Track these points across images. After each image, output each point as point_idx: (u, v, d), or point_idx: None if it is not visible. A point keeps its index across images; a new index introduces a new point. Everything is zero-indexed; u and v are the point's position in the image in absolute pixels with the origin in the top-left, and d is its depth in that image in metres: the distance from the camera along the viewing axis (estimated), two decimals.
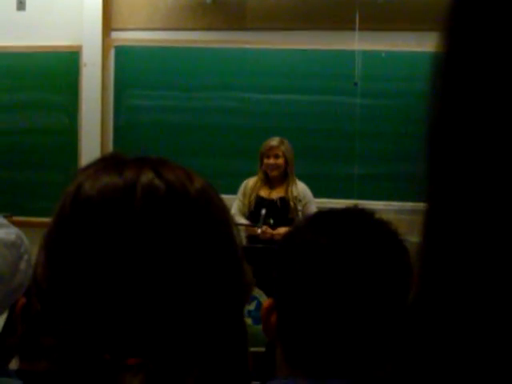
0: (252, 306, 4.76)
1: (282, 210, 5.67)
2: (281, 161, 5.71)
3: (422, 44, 5.98)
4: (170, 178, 0.85)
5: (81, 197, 0.84)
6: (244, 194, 5.79)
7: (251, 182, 5.85)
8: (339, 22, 7.00)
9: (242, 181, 5.93)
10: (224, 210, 0.91)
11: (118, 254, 0.80)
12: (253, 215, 5.68)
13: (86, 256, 0.81)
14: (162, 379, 0.80)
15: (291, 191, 5.71)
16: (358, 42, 6.86)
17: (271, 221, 5.59)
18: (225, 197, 0.92)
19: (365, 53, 6.93)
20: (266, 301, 1.35)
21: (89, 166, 0.89)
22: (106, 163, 0.88)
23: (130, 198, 0.82)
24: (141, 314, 0.80)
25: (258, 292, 4.62)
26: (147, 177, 0.84)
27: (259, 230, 5.49)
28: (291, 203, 5.68)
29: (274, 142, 5.76)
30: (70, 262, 0.82)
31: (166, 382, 0.80)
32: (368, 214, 1.33)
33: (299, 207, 5.69)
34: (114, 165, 0.87)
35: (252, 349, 1.01)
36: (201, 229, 0.85)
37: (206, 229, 0.85)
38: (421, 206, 0.55)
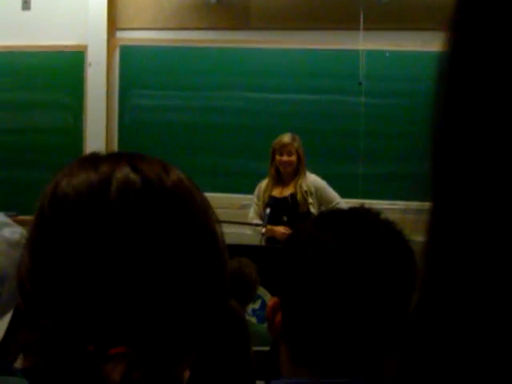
0: (257, 305, 4.76)
1: (293, 207, 5.68)
2: (294, 158, 5.72)
3: (426, 44, 5.98)
4: (145, 172, 0.86)
5: (58, 195, 0.85)
6: (258, 197, 5.82)
7: (264, 183, 5.86)
8: (343, 21, 7.00)
9: (245, 180, 5.93)
10: (203, 202, 0.91)
11: (97, 248, 0.81)
12: (269, 215, 5.68)
13: (67, 252, 0.81)
14: (145, 368, 0.80)
15: (300, 186, 5.72)
16: (363, 42, 6.86)
17: (285, 218, 5.60)
18: (228, 195, 0.92)
19: (369, 52, 6.93)
20: (271, 300, 1.35)
21: (66, 166, 0.90)
22: (82, 161, 0.89)
23: (105, 192, 0.83)
24: (122, 304, 0.80)
25: (262, 291, 4.62)
26: (122, 171, 0.85)
27: (263, 230, 5.50)
28: (299, 198, 5.69)
29: (287, 138, 5.76)
30: (51, 260, 0.82)
31: (151, 371, 0.80)
32: (373, 214, 1.33)
33: (310, 200, 5.69)
34: (90, 161, 0.88)
35: (257, 348, 1.02)
36: (178, 220, 0.85)
37: (183, 220, 0.86)
38: (426, 205, 0.55)
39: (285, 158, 5.71)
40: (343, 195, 6.66)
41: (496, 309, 0.49)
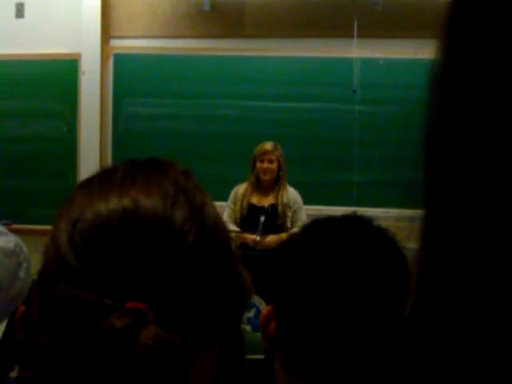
0: (251, 314, 4.75)
1: (271, 217, 5.71)
2: (274, 165, 5.78)
3: (420, 51, 5.99)
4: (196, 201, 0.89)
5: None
6: (234, 201, 5.82)
7: (242, 188, 5.88)
8: (337, 29, 7.01)
9: None
10: (217, 215, 0.92)
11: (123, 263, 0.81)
12: (245, 222, 5.69)
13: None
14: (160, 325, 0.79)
15: (281, 198, 5.76)
16: (357, 50, 6.87)
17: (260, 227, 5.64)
18: (223, 204, 0.93)
19: (363, 60, 6.94)
20: (265, 308, 1.35)
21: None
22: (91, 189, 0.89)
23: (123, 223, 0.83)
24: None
25: (257, 299, 4.62)
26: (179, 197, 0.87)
27: (258, 238, 5.50)
28: (279, 209, 5.73)
29: (269, 146, 5.82)
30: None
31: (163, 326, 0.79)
32: (366, 221, 1.33)
33: (289, 213, 5.73)
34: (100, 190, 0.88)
35: (251, 356, 1.02)
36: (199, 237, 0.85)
37: (202, 236, 0.86)
38: (419, 212, 0.55)
39: (265, 164, 5.76)
40: (337, 203, 6.68)
41: (490, 313, 0.49)
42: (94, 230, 0.83)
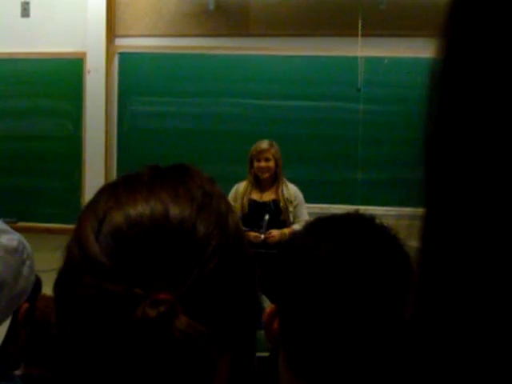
0: None
1: (274, 212, 5.75)
2: (271, 163, 5.83)
3: (425, 50, 5.98)
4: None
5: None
6: (235, 199, 5.84)
7: (242, 186, 5.92)
8: (342, 28, 7.00)
9: None
10: (234, 213, 0.94)
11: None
12: (247, 219, 5.69)
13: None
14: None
15: (282, 193, 5.78)
16: (361, 48, 6.86)
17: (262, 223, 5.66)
18: None
19: (368, 59, 6.94)
20: (268, 307, 1.35)
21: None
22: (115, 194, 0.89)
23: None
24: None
25: (261, 297, 4.62)
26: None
27: (262, 236, 5.52)
28: (282, 205, 5.78)
29: (264, 145, 5.88)
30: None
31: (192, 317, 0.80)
32: (368, 220, 1.33)
33: (290, 208, 5.76)
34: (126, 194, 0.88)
35: (256, 354, 1.02)
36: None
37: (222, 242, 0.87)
38: (420, 211, 0.55)
39: (262, 163, 5.82)
40: (341, 201, 6.67)
41: (491, 312, 0.49)
42: (122, 228, 0.84)
